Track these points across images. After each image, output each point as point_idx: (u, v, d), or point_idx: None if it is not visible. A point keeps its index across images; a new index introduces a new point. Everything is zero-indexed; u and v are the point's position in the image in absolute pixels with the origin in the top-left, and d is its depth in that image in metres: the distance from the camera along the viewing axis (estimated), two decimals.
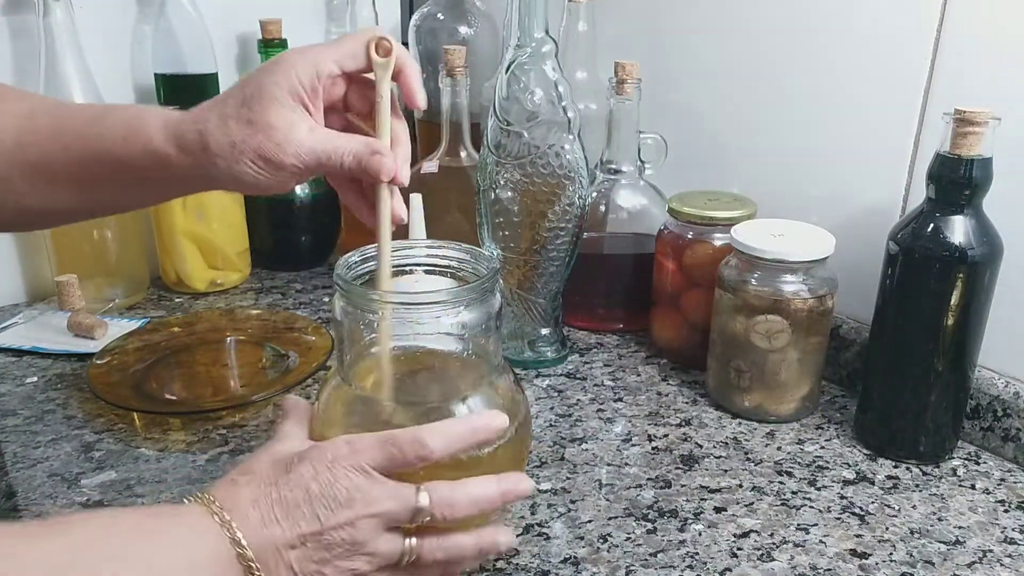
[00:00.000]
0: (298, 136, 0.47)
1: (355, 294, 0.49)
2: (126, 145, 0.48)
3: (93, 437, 0.67)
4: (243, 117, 0.47)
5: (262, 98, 0.47)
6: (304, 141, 0.47)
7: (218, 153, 0.47)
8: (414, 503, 0.44)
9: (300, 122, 0.48)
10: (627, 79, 0.81)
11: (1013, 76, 0.63)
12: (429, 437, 0.44)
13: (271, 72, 0.48)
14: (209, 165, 0.48)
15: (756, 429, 0.70)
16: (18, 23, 0.86)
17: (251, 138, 0.47)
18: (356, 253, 0.52)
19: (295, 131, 0.47)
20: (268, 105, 0.46)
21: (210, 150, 0.47)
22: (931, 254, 0.60)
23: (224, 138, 0.47)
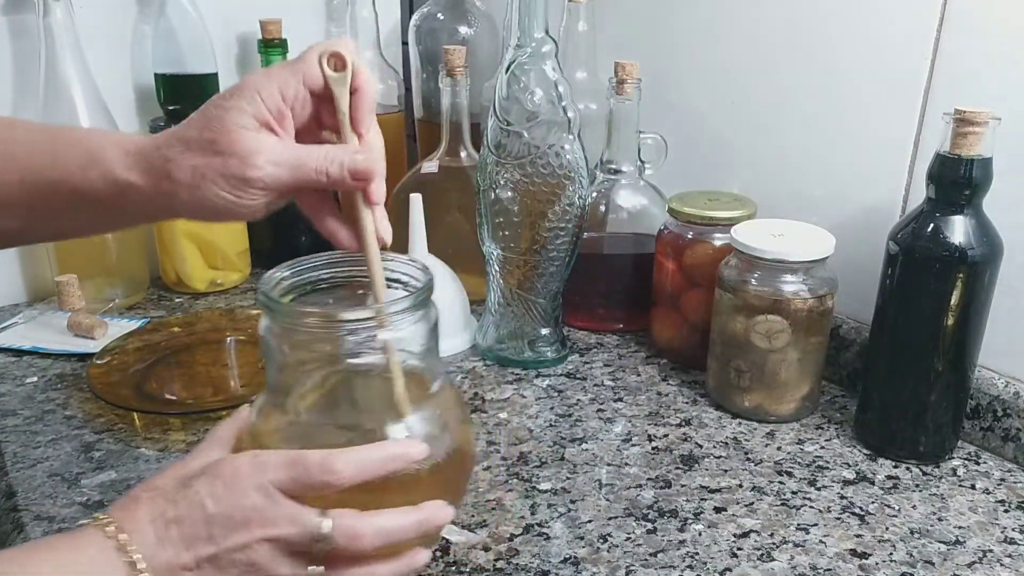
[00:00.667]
0: (264, 148, 0.45)
1: (281, 312, 0.47)
2: (84, 174, 0.46)
3: (93, 437, 0.67)
4: (206, 142, 0.45)
5: (225, 124, 0.44)
6: (271, 152, 0.45)
7: (181, 180, 0.45)
8: (314, 529, 0.42)
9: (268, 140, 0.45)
10: (627, 79, 0.81)
11: (1013, 76, 0.63)
12: (339, 463, 0.42)
13: (235, 97, 0.45)
14: (172, 192, 0.46)
15: (756, 429, 0.70)
16: (18, 23, 0.86)
17: (215, 160, 0.45)
18: (282, 268, 0.50)
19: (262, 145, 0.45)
20: (232, 131, 0.44)
21: (172, 177, 0.45)
22: (931, 254, 0.60)
23: (186, 163, 0.45)
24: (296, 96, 0.46)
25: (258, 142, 0.45)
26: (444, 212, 0.90)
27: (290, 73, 0.46)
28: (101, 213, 0.49)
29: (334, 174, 0.46)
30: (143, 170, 0.46)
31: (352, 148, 0.47)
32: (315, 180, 0.46)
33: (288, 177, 0.46)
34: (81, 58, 0.84)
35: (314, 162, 0.46)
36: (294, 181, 0.46)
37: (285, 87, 0.46)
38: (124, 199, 0.47)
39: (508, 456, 0.66)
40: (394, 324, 0.48)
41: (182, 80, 0.92)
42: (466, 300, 0.86)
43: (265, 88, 0.45)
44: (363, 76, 0.47)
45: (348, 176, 0.46)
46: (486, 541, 0.56)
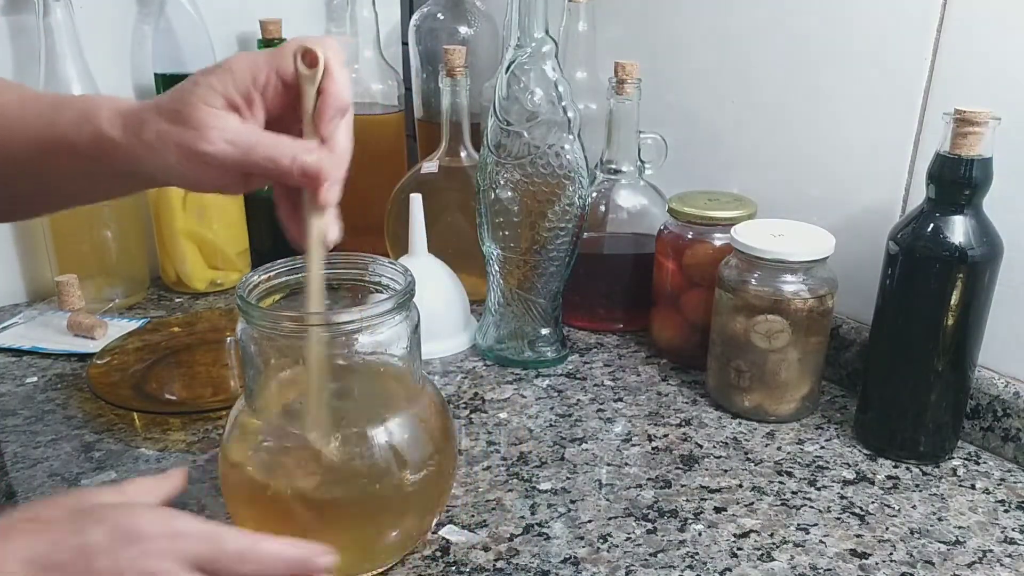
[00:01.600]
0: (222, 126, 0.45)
1: (258, 316, 0.47)
2: (79, 131, 0.47)
3: (93, 437, 0.67)
4: (173, 111, 0.45)
5: (193, 97, 0.45)
6: (228, 130, 0.45)
7: (146, 141, 0.46)
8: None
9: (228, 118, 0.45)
10: (627, 79, 0.81)
11: (1013, 76, 0.63)
12: (251, 560, 0.39)
13: (210, 74, 0.46)
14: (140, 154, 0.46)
15: (756, 429, 0.70)
16: (18, 23, 0.86)
17: (175, 129, 0.45)
18: (259, 271, 0.50)
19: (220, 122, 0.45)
20: (197, 105, 0.45)
21: (141, 137, 0.46)
22: (931, 254, 0.60)
23: (153, 126, 0.45)
24: (268, 83, 0.46)
25: (217, 118, 0.45)
26: (444, 212, 0.90)
27: (266, 60, 0.46)
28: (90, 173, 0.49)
29: (283, 165, 0.45)
30: (123, 128, 0.46)
31: (308, 145, 0.46)
32: (264, 167, 0.46)
33: (237, 156, 0.45)
34: (81, 58, 0.84)
35: (265, 148, 0.45)
36: (244, 162, 0.45)
37: (258, 72, 0.46)
38: (108, 157, 0.47)
39: (508, 456, 0.66)
40: (375, 327, 0.48)
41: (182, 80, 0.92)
42: (466, 300, 0.86)
43: (239, 70, 0.46)
44: (334, 79, 0.46)
45: (297, 172, 0.46)
46: (486, 541, 0.56)
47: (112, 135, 0.46)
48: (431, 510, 0.53)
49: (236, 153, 0.45)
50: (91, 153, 0.47)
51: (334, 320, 0.47)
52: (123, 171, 0.48)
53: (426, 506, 0.52)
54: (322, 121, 0.46)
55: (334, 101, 0.46)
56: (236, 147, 0.45)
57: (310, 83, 0.46)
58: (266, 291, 0.51)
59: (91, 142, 0.47)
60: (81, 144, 0.47)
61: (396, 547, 0.52)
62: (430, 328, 0.60)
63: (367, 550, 0.51)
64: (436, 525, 0.57)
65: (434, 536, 0.56)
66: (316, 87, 0.46)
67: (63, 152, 0.48)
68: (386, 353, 0.51)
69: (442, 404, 0.54)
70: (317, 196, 0.46)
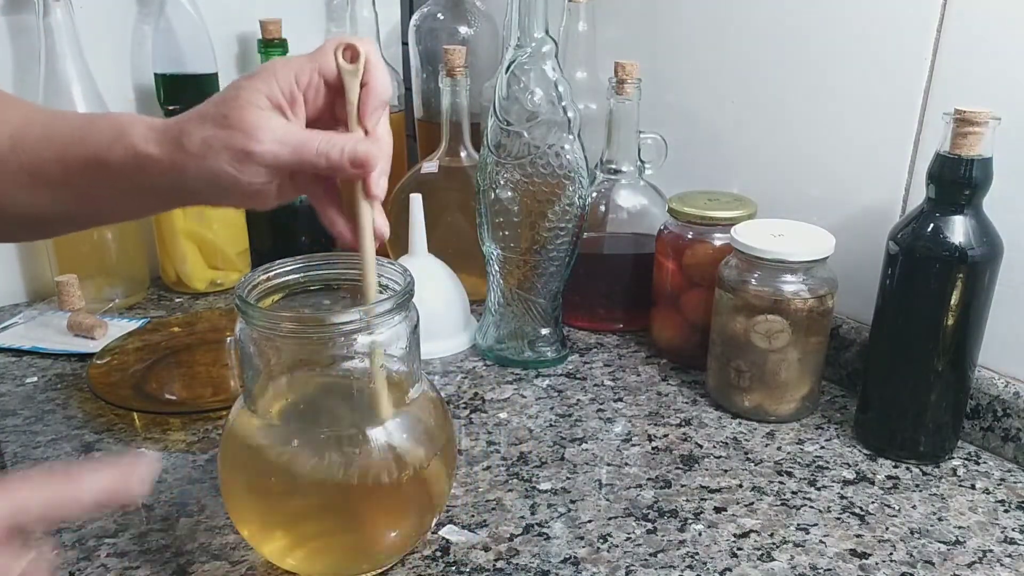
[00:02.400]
0: (271, 126, 0.46)
1: (257, 316, 0.47)
2: (110, 150, 0.47)
3: (93, 437, 0.67)
4: (219, 116, 0.46)
5: (238, 101, 0.46)
6: (278, 130, 0.46)
7: (190, 150, 0.46)
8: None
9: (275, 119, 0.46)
10: (627, 79, 0.81)
11: (1013, 76, 0.63)
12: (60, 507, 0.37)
13: (252, 78, 0.47)
14: (183, 164, 0.47)
15: (756, 429, 0.70)
16: (18, 23, 0.86)
17: (222, 133, 0.46)
18: (259, 271, 0.51)
19: (269, 123, 0.46)
20: (244, 107, 0.46)
21: (184, 147, 0.46)
22: (931, 254, 0.60)
23: (198, 135, 0.46)
24: (310, 83, 0.47)
25: (265, 119, 0.46)
26: (444, 212, 0.90)
27: (307, 61, 0.47)
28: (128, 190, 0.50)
29: (334, 158, 0.46)
30: (160, 142, 0.47)
31: (356, 137, 0.47)
32: (315, 162, 0.47)
33: (289, 156, 0.46)
34: (81, 58, 0.84)
35: (316, 144, 0.46)
36: (295, 161, 0.46)
37: (300, 73, 0.47)
38: (143, 173, 0.48)
39: (508, 456, 0.66)
40: (374, 327, 0.48)
41: (182, 80, 0.92)
42: (466, 300, 0.86)
43: (281, 72, 0.47)
44: (375, 73, 0.48)
45: (348, 162, 0.47)
46: (486, 541, 0.56)
47: (148, 151, 0.47)
48: (431, 510, 0.53)
49: (287, 152, 0.46)
50: (126, 171, 0.48)
51: (333, 321, 0.47)
52: (162, 186, 0.48)
53: (426, 506, 0.52)
54: (366, 113, 0.48)
55: (377, 93, 0.48)
56: (287, 145, 0.46)
57: (353, 77, 0.47)
58: (265, 291, 0.51)
59: (126, 159, 0.47)
60: (114, 162, 0.48)
61: (396, 547, 0.52)
62: (430, 328, 0.60)
63: (367, 550, 0.51)
64: (436, 525, 0.57)
65: (434, 536, 0.56)
66: (359, 80, 0.47)
67: (95, 171, 0.48)
68: (386, 353, 0.51)
69: (441, 404, 0.54)
70: (368, 186, 0.48)
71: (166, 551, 0.54)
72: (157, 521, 0.57)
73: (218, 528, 0.56)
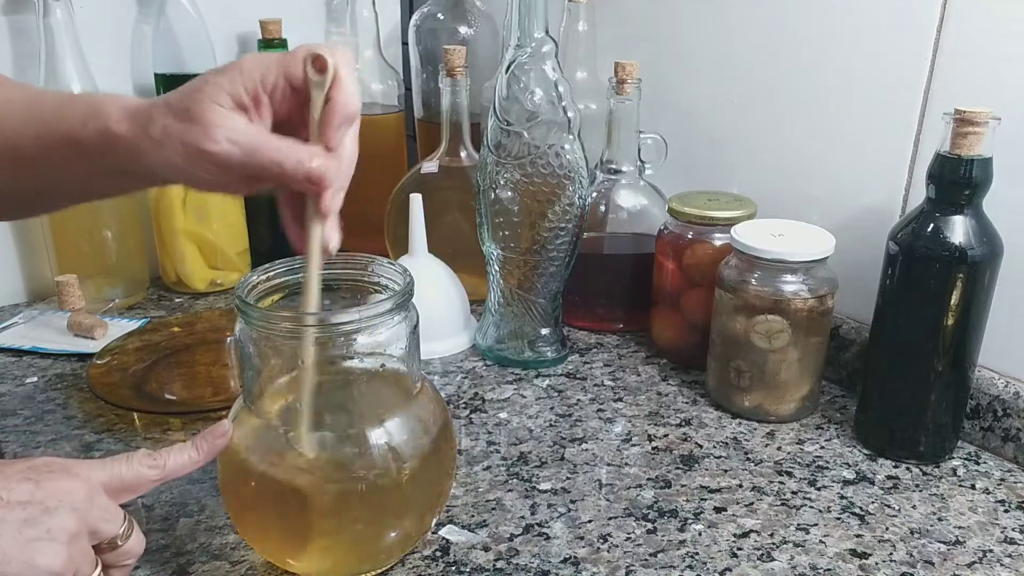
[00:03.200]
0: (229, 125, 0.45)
1: (256, 317, 0.47)
2: (85, 128, 0.47)
3: (93, 437, 0.67)
4: (181, 108, 0.45)
5: (201, 95, 0.45)
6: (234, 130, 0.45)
7: (152, 137, 0.46)
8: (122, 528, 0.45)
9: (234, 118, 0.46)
10: (627, 79, 0.81)
11: (1013, 76, 0.63)
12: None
13: (219, 73, 0.46)
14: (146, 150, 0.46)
15: (756, 429, 0.70)
16: (18, 23, 0.86)
17: (180, 126, 0.45)
18: (258, 272, 0.51)
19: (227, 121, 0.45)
20: (205, 103, 0.45)
21: (148, 133, 0.46)
22: (931, 254, 0.60)
23: (160, 122, 0.46)
24: (276, 86, 0.46)
25: (224, 117, 0.45)
26: (444, 212, 0.90)
27: (276, 62, 0.46)
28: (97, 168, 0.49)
29: (288, 168, 0.45)
30: (130, 123, 0.47)
31: (313, 150, 0.46)
32: (268, 169, 0.46)
33: (241, 157, 0.45)
34: (81, 58, 0.84)
35: (270, 151, 0.45)
36: (248, 163, 0.45)
37: (267, 74, 0.46)
38: (113, 152, 0.47)
39: (508, 456, 0.66)
40: (373, 327, 0.48)
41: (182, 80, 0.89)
42: (466, 300, 0.86)
43: (248, 70, 0.46)
44: (342, 87, 0.46)
45: (302, 176, 0.46)
46: (486, 541, 0.56)
47: (118, 131, 0.47)
48: (430, 510, 0.53)
49: (240, 154, 0.45)
50: (96, 149, 0.48)
51: (333, 321, 0.47)
52: (128, 168, 0.48)
53: (425, 506, 0.52)
54: (328, 129, 0.46)
55: (341, 110, 0.46)
56: (240, 148, 0.45)
57: (319, 89, 0.45)
58: (265, 292, 0.51)
59: (97, 138, 0.47)
60: (86, 140, 0.47)
61: (396, 547, 0.52)
62: (430, 328, 0.60)
63: (366, 550, 0.51)
64: (436, 525, 0.57)
65: (434, 536, 0.56)
66: (324, 93, 0.45)
67: (68, 148, 0.48)
68: (385, 353, 0.51)
69: (441, 404, 0.54)
70: (320, 203, 0.47)
71: (166, 551, 0.54)
72: (157, 521, 0.57)
73: (218, 528, 0.56)
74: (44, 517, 0.40)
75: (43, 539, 0.40)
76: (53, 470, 0.43)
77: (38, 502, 0.41)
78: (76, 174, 0.50)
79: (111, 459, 0.46)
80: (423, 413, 0.52)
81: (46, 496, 0.41)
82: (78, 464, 0.44)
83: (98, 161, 0.48)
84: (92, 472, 0.44)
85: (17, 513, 0.40)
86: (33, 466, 0.43)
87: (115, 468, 0.45)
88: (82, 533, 0.42)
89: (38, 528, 0.40)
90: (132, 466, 0.46)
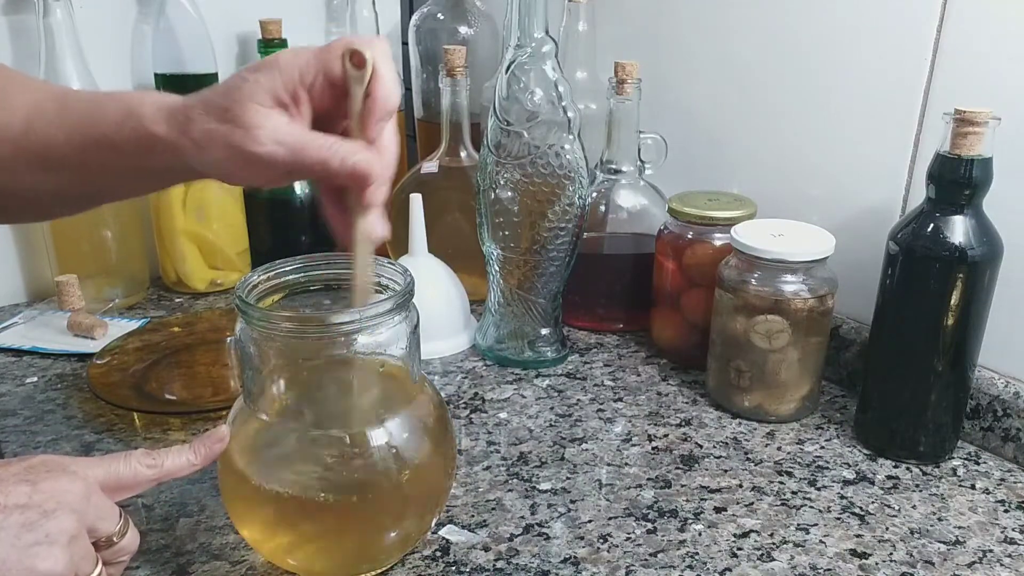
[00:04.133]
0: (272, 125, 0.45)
1: (257, 317, 0.47)
2: (120, 129, 0.47)
3: (93, 437, 0.67)
4: (221, 109, 0.45)
5: (241, 95, 0.45)
6: (278, 130, 0.45)
7: (193, 139, 0.46)
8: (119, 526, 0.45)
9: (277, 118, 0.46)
10: (627, 79, 0.81)
11: (1013, 76, 0.63)
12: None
13: (257, 71, 0.46)
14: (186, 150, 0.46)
15: (756, 429, 0.70)
16: (18, 23, 0.86)
17: (224, 128, 0.45)
18: (258, 271, 0.51)
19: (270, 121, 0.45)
20: (246, 103, 0.45)
21: (188, 134, 0.46)
22: (931, 254, 0.60)
23: (201, 124, 0.45)
24: (314, 82, 0.46)
25: (266, 118, 0.45)
26: (444, 212, 0.90)
27: (313, 58, 0.46)
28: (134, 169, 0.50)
29: (333, 166, 0.46)
30: (168, 124, 0.46)
31: (358, 146, 0.46)
32: (313, 168, 0.46)
33: (286, 157, 0.45)
34: (81, 58, 0.84)
35: (315, 150, 0.45)
36: (292, 163, 0.46)
37: (305, 70, 0.46)
38: (151, 152, 0.47)
39: (508, 456, 0.66)
40: (374, 327, 0.48)
41: (182, 80, 0.92)
42: (466, 300, 0.86)
43: (286, 67, 0.45)
44: (382, 82, 0.46)
45: (346, 173, 0.46)
46: (486, 541, 0.56)
47: (156, 131, 0.47)
48: (430, 510, 0.53)
49: (285, 154, 0.45)
50: (134, 150, 0.47)
51: (333, 321, 0.47)
52: (166, 165, 0.48)
53: (425, 506, 0.52)
54: (369, 123, 0.46)
55: (382, 104, 0.46)
56: (285, 147, 0.45)
57: (358, 84, 0.45)
58: (265, 291, 0.51)
59: (134, 139, 0.47)
60: (123, 141, 0.47)
61: (396, 547, 0.52)
62: (430, 328, 0.60)
63: (366, 550, 0.51)
64: (436, 525, 0.57)
65: (434, 536, 0.56)
66: (364, 88, 0.45)
67: (105, 151, 0.48)
68: (385, 353, 0.51)
69: (441, 404, 0.54)
70: (363, 196, 0.47)
71: (166, 551, 0.54)
72: (157, 521, 0.57)
73: (218, 528, 0.56)
74: (43, 520, 0.40)
75: (43, 543, 0.40)
76: (51, 469, 0.43)
77: (36, 505, 0.40)
78: (116, 174, 0.50)
79: (109, 456, 0.46)
80: (423, 413, 0.52)
81: (44, 499, 0.41)
82: (75, 462, 0.45)
83: (137, 160, 0.48)
84: (89, 470, 0.44)
85: (15, 518, 0.40)
86: (30, 466, 0.43)
87: (113, 466, 0.46)
88: (81, 534, 0.42)
89: (37, 532, 0.40)
90: (130, 464, 0.46)
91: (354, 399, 0.51)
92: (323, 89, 0.46)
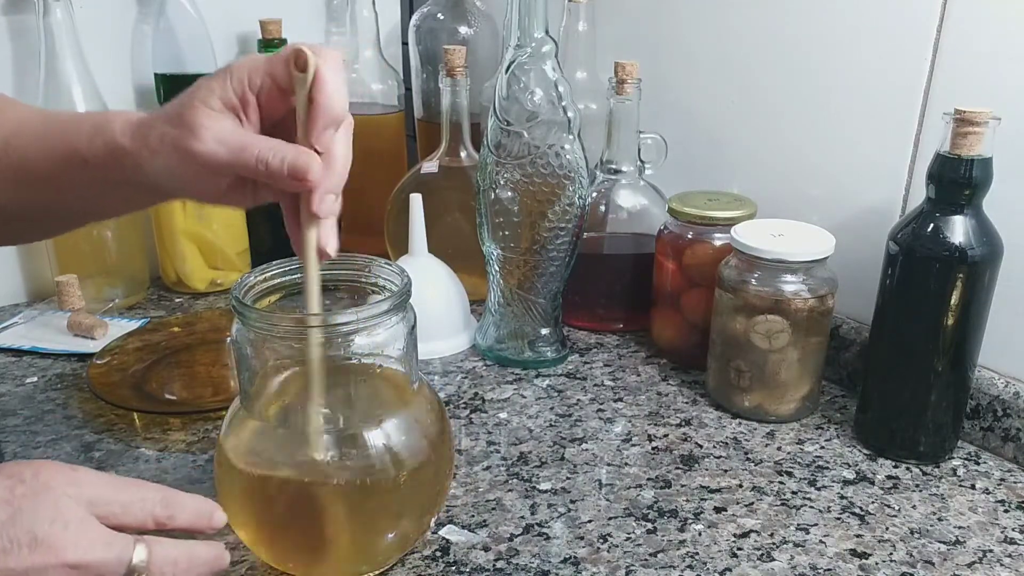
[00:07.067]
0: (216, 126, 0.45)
1: (253, 317, 0.47)
2: (91, 144, 0.47)
3: (93, 437, 0.67)
4: (175, 114, 0.45)
5: (193, 100, 0.45)
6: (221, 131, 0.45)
7: (151, 145, 0.46)
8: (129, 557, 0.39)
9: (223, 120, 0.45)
10: (627, 79, 0.81)
11: (1013, 76, 0.63)
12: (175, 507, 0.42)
13: (212, 78, 0.46)
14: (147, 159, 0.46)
15: (756, 429, 0.70)
16: (18, 23, 0.86)
17: (174, 131, 0.45)
18: (254, 272, 0.50)
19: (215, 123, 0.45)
20: (195, 106, 0.45)
21: (147, 142, 0.46)
22: (931, 254, 0.60)
23: (158, 130, 0.46)
24: (262, 86, 0.46)
25: (211, 119, 0.45)
26: (444, 212, 0.90)
27: (264, 62, 0.46)
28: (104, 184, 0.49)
29: (273, 166, 0.45)
30: (133, 135, 0.47)
31: (300, 148, 0.45)
32: (255, 168, 0.45)
33: (227, 157, 0.45)
34: (81, 58, 0.84)
35: (256, 150, 0.45)
36: (234, 163, 0.45)
37: (253, 75, 0.46)
38: (118, 165, 0.47)
39: (508, 456, 0.66)
40: (371, 328, 0.48)
41: (182, 80, 0.91)
42: (466, 300, 0.86)
43: (236, 72, 0.46)
44: (325, 88, 0.44)
45: (286, 172, 0.45)
46: (486, 541, 0.56)
47: (123, 143, 0.47)
48: (429, 511, 0.53)
49: (226, 153, 0.45)
50: (102, 164, 0.48)
51: (331, 321, 0.47)
52: (133, 181, 0.48)
53: (423, 507, 0.52)
54: (313, 130, 0.45)
55: (323, 112, 0.45)
56: (226, 147, 0.45)
57: (300, 87, 0.45)
58: (262, 292, 0.51)
59: (103, 153, 0.47)
60: (92, 156, 0.48)
61: (395, 548, 0.52)
62: (430, 328, 0.60)
63: (365, 551, 0.51)
64: (436, 525, 0.57)
65: (434, 536, 0.56)
66: (307, 92, 0.45)
67: (75, 165, 0.48)
68: (383, 354, 0.51)
69: (439, 405, 0.54)
70: (309, 203, 0.46)
71: None
72: None
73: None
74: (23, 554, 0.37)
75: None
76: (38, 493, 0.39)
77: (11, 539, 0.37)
78: (83, 191, 0.50)
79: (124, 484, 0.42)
80: (421, 414, 0.52)
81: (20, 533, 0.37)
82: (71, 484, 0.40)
83: (104, 176, 0.48)
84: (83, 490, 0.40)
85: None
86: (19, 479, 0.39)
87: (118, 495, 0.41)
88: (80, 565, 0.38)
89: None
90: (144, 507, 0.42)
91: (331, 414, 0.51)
92: (271, 94, 0.46)
